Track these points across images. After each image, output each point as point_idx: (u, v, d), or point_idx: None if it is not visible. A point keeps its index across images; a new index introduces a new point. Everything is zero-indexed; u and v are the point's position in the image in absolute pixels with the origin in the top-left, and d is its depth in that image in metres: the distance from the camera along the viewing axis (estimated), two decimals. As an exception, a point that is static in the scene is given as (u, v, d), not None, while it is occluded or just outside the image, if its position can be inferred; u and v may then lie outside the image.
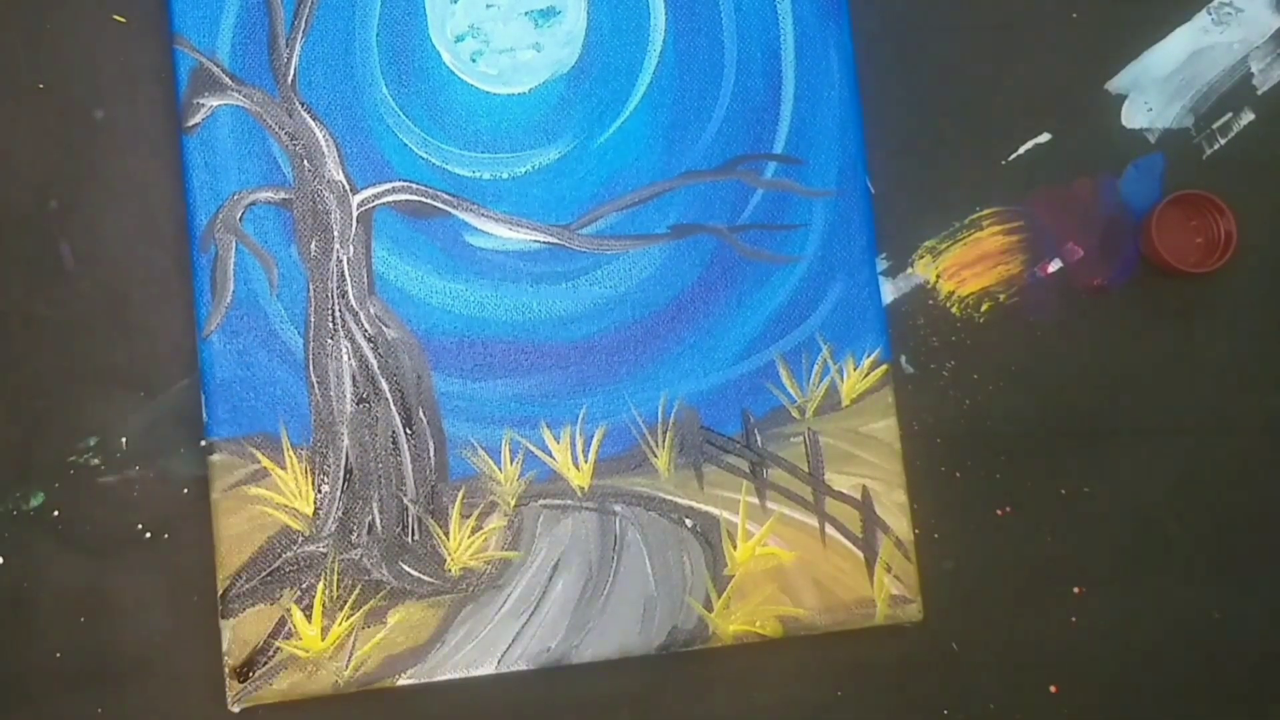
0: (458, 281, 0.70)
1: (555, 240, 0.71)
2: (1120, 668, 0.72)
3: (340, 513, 0.69)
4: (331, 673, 0.68)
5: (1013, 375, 0.73)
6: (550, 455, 0.70)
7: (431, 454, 0.69)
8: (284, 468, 0.69)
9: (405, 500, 0.69)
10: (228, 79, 0.70)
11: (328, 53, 0.71)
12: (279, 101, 0.70)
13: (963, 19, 0.75)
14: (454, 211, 0.71)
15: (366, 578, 0.69)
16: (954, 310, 0.74)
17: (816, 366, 0.71)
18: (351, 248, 0.70)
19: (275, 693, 0.68)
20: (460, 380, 0.70)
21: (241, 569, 0.68)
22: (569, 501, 0.70)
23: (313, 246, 0.70)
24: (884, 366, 0.71)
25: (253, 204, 0.70)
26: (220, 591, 0.68)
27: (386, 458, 0.69)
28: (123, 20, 0.72)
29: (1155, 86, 0.75)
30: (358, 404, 0.69)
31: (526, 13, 0.71)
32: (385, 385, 0.70)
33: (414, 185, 0.70)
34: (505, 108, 0.71)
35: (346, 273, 0.70)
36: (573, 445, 0.70)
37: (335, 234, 0.70)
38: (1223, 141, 0.75)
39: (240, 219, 0.70)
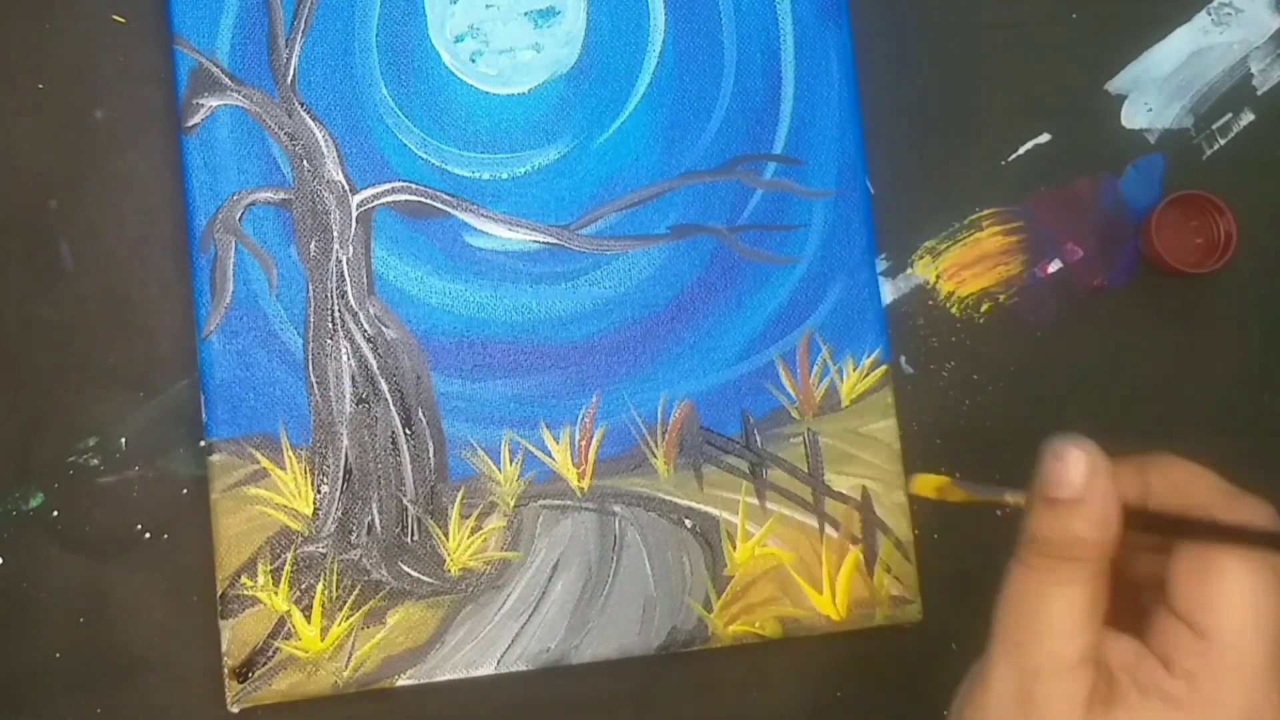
0: (457, 282, 0.70)
1: (555, 241, 0.71)
2: (1120, 668, 0.72)
3: (339, 513, 0.69)
4: (331, 673, 0.68)
5: (1013, 375, 0.73)
6: (550, 456, 0.70)
7: (431, 454, 0.69)
8: (283, 468, 0.69)
9: (405, 501, 0.69)
10: (227, 79, 0.70)
11: (327, 53, 0.70)
12: (278, 102, 0.70)
13: (963, 19, 0.75)
14: (453, 212, 0.71)
15: (366, 578, 0.69)
16: (954, 311, 0.74)
17: (816, 367, 0.71)
18: (351, 248, 0.70)
19: (275, 693, 0.68)
20: (460, 381, 0.70)
21: (241, 569, 0.68)
22: (568, 502, 0.70)
23: (312, 247, 0.70)
24: (884, 367, 0.71)
25: (252, 204, 0.70)
26: (220, 592, 0.68)
27: (386, 458, 0.69)
28: (122, 20, 0.72)
29: (1155, 87, 0.75)
30: (357, 404, 0.69)
31: (526, 13, 0.71)
32: (385, 386, 0.70)
33: (413, 185, 0.70)
34: (505, 108, 0.71)
35: (346, 273, 0.70)
36: (573, 446, 0.70)
37: (335, 234, 0.70)
38: (1223, 142, 0.75)
39: (240, 219, 0.70)
